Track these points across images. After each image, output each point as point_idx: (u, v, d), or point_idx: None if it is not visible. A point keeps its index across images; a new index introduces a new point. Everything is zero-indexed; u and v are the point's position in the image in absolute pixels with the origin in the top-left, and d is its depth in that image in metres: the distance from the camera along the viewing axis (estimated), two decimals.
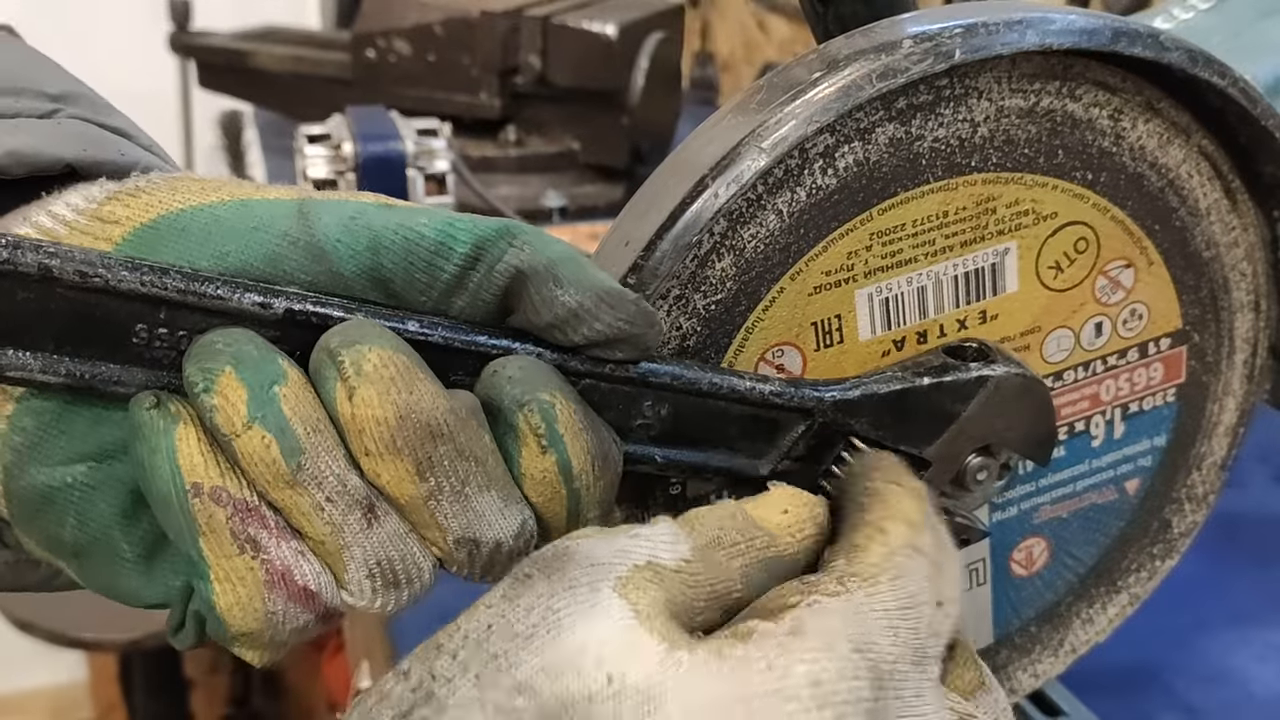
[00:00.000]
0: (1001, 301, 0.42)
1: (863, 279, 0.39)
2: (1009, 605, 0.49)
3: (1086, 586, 0.50)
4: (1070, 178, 0.41)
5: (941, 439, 0.39)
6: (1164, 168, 0.43)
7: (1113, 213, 0.43)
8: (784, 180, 0.37)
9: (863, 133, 0.38)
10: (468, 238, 0.32)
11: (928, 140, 0.39)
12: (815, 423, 0.37)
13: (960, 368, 0.39)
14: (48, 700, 2.26)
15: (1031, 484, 0.46)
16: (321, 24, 2.09)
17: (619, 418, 0.35)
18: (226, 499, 0.30)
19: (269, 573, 0.31)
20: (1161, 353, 0.46)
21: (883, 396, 0.38)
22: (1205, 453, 0.49)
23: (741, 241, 0.37)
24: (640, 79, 1.27)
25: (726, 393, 0.36)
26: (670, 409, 0.35)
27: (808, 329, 0.39)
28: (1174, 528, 0.50)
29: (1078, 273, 0.43)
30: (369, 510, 0.31)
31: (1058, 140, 0.41)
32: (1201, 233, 0.45)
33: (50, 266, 0.29)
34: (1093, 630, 0.51)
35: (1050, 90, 0.40)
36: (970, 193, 0.40)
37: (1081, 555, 0.49)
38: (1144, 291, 0.45)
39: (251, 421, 0.30)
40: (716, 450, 0.37)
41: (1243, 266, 0.46)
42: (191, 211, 0.32)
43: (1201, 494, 0.50)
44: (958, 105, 0.39)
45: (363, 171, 1.08)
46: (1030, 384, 0.40)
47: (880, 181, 0.38)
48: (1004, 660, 0.50)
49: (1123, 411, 0.46)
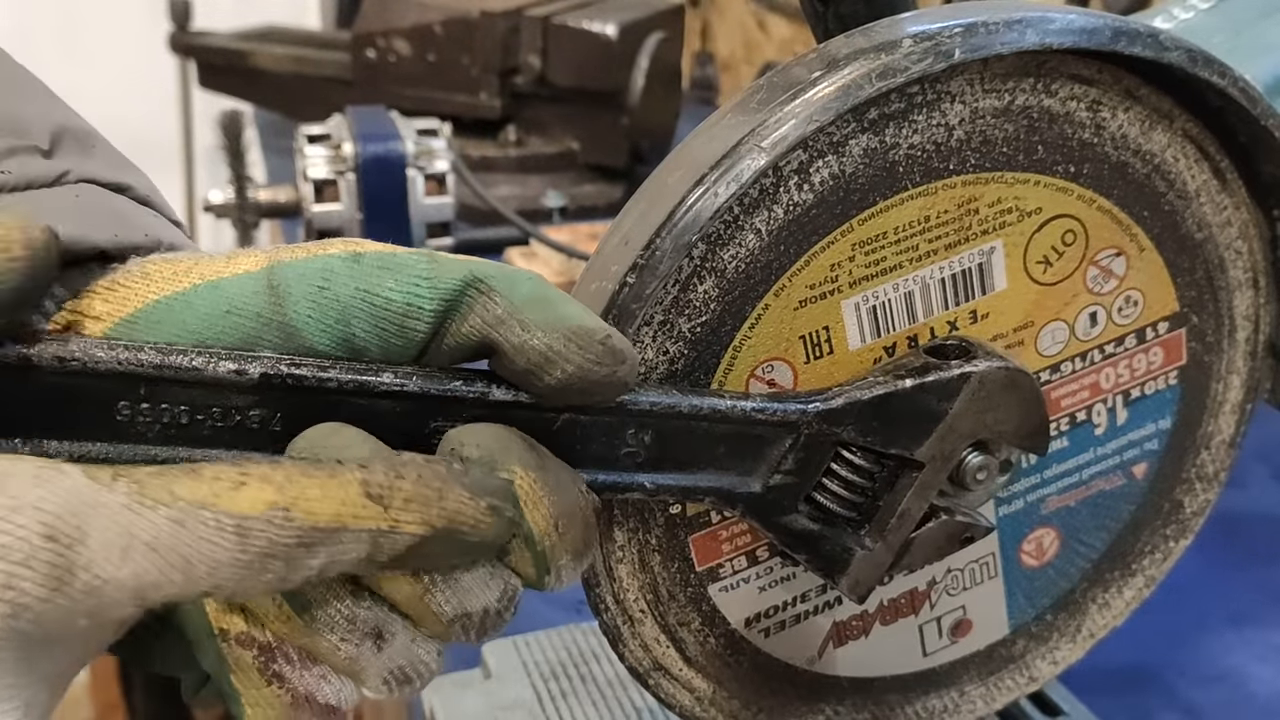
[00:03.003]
0: (991, 300, 0.42)
1: (848, 289, 0.39)
2: (1023, 596, 0.49)
3: (1100, 572, 0.50)
4: (1052, 172, 0.41)
5: (931, 439, 0.39)
6: (1148, 154, 0.43)
7: (1099, 203, 0.43)
8: (760, 200, 0.37)
9: (836, 146, 0.38)
10: (432, 295, 0.32)
11: (903, 148, 0.38)
12: (801, 435, 0.37)
13: (942, 366, 0.39)
14: None
15: (1036, 476, 0.46)
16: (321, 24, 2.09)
17: (603, 449, 0.35)
18: (251, 642, 0.33)
19: (294, 698, 0.33)
20: (1160, 337, 0.46)
21: (866, 402, 0.38)
22: (1213, 431, 0.49)
23: (722, 263, 0.37)
24: (640, 79, 1.27)
25: (708, 413, 0.36)
26: (654, 435, 0.35)
27: (796, 343, 0.39)
28: (1186, 507, 0.50)
29: (1067, 265, 0.43)
30: (378, 637, 0.32)
31: (1036, 136, 0.41)
32: (1192, 215, 0.45)
33: (29, 355, 0.30)
34: (1110, 614, 0.51)
35: (1025, 88, 0.40)
36: (950, 195, 0.40)
37: (1093, 542, 0.49)
38: (1137, 278, 0.45)
39: None
40: (705, 471, 0.37)
41: (1238, 245, 0.46)
42: (166, 301, 0.33)
43: (1212, 472, 0.50)
44: (930, 111, 0.39)
45: (363, 171, 1.08)
46: (1015, 376, 0.40)
47: (858, 193, 0.38)
48: (1021, 650, 0.50)
49: (1124, 398, 0.46)
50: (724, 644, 0.43)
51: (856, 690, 0.47)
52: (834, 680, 0.46)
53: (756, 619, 0.43)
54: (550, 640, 0.62)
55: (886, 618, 0.46)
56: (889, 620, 0.46)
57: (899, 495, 0.39)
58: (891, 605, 0.46)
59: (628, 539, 0.40)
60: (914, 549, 0.40)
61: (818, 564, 0.39)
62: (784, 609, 0.43)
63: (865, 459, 0.38)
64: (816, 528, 0.39)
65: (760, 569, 0.42)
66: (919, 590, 0.46)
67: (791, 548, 0.39)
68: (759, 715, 0.45)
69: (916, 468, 0.39)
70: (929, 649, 0.47)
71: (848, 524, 0.39)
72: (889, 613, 0.46)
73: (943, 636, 0.47)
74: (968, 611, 0.47)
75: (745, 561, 0.42)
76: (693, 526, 0.41)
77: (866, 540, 0.39)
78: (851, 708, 0.47)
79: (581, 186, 1.32)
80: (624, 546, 0.40)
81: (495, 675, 0.59)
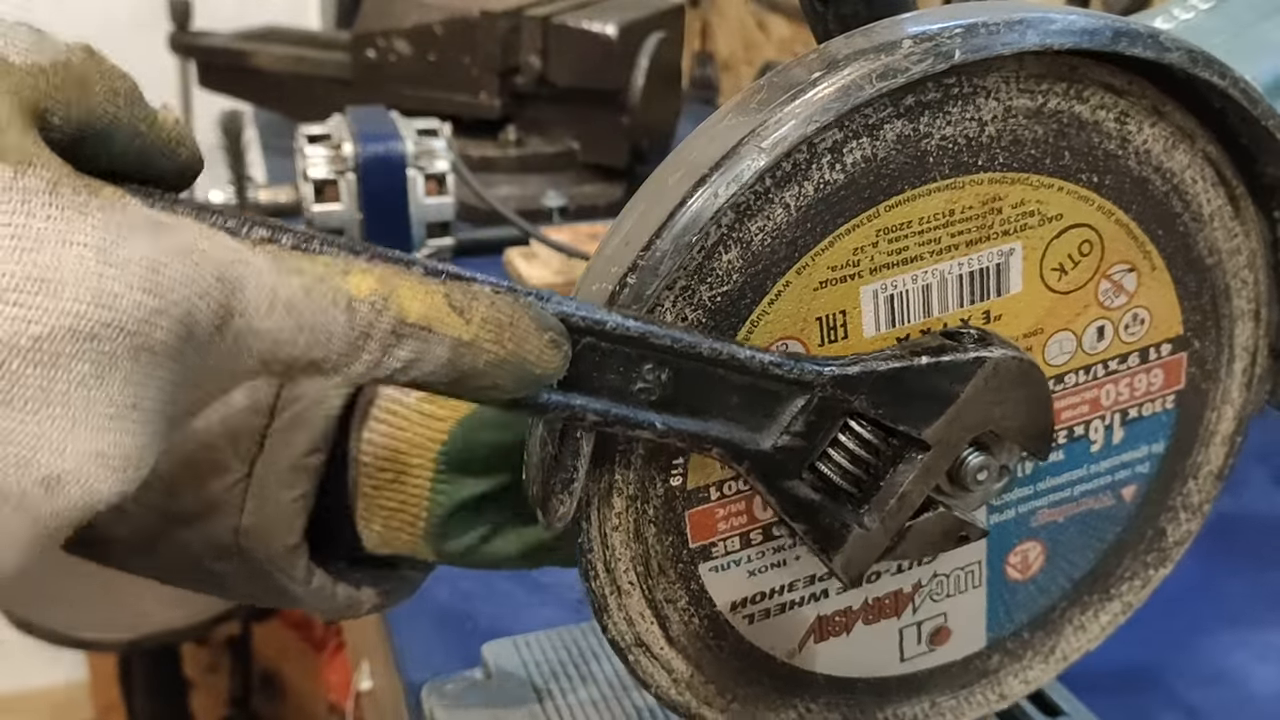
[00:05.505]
0: (1005, 302, 0.42)
1: (868, 275, 0.39)
2: (1003, 609, 0.48)
3: (1080, 593, 0.50)
4: (1076, 180, 0.41)
5: (939, 421, 0.39)
6: (1169, 172, 0.43)
7: (1117, 216, 0.43)
8: (792, 174, 0.37)
9: (871, 129, 0.38)
10: None
11: (935, 138, 0.39)
12: (814, 398, 0.38)
13: (958, 348, 0.39)
14: (48, 700, 2.26)
15: (1030, 487, 0.46)
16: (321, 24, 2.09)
17: (619, 381, 0.35)
18: None
19: None
20: (1162, 358, 0.46)
21: (881, 374, 0.38)
22: (1202, 461, 0.49)
23: (749, 234, 0.37)
24: (640, 79, 1.27)
25: (727, 359, 0.36)
26: (671, 374, 0.35)
27: (812, 324, 0.39)
28: (1169, 536, 0.50)
29: (1081, 275, 0.43)
30: None
31: (1064, 142, 0.41)
32: (1204, 239, 0.45)
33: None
34: (1085, 638, 0.51)
35: (1058, 91, 0.40)
36: (976, 192, 0.40)
37: (1077, 561, 0.49)
38: (1146, 296, 0.44)
39: None
40: (716, 420, 0.37)
41: (1244, 274, 0.46)
42: None
43: (1197, 503, 0.50)
44: (965, 104, 0.39)
45: (363, 171, 1.08)
46: (1028, 369, 0.40)
47: (887, 178, 0.38)
48: (996, 665, 0.50)
49: (1122, 417, 0.46)
50: (708, 626, 0.43)
51: (832, 689, 0.47)
52: (811, 676, 0.46)
53: (743, 604, 0.43)
54: (550, 640, 0.62)
55: (869, 616, 0.46)
56: (871, 619, 0.46)
57: (901, 477, 0.39)
58: (876, 604, 0.46)
59: (625, 507, 0.40)
60: (909, 538, 0.40)
61: (815, 536, 0.40)
62: (771, 596, 0.43)
63: (873, 434, 0.39)
64: (818, 498, 0.39)
65: (752, 552, 0.42)
66: (904, 592, 0.46)
67: (791, 515, 0.39)
68: (732, 704, 0.45)
69: (921, 449, 0.39)
70: (907, 654, 0.47)
71: (848, 500, 0.40)
72: (873, 611, 0.46)
73: (921, 643, 0.47)
74: (948, 619, 0.47)
75: (738, 543, 0.42)
76: (691, 501, 0.41)
77: (866, 519, 0.39)
78: (824, 706, 0.47)
79: (581, 186, 1.32)
80: (621, 514, 0.40)
81: (495, 675, 0.59)
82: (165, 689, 1.89)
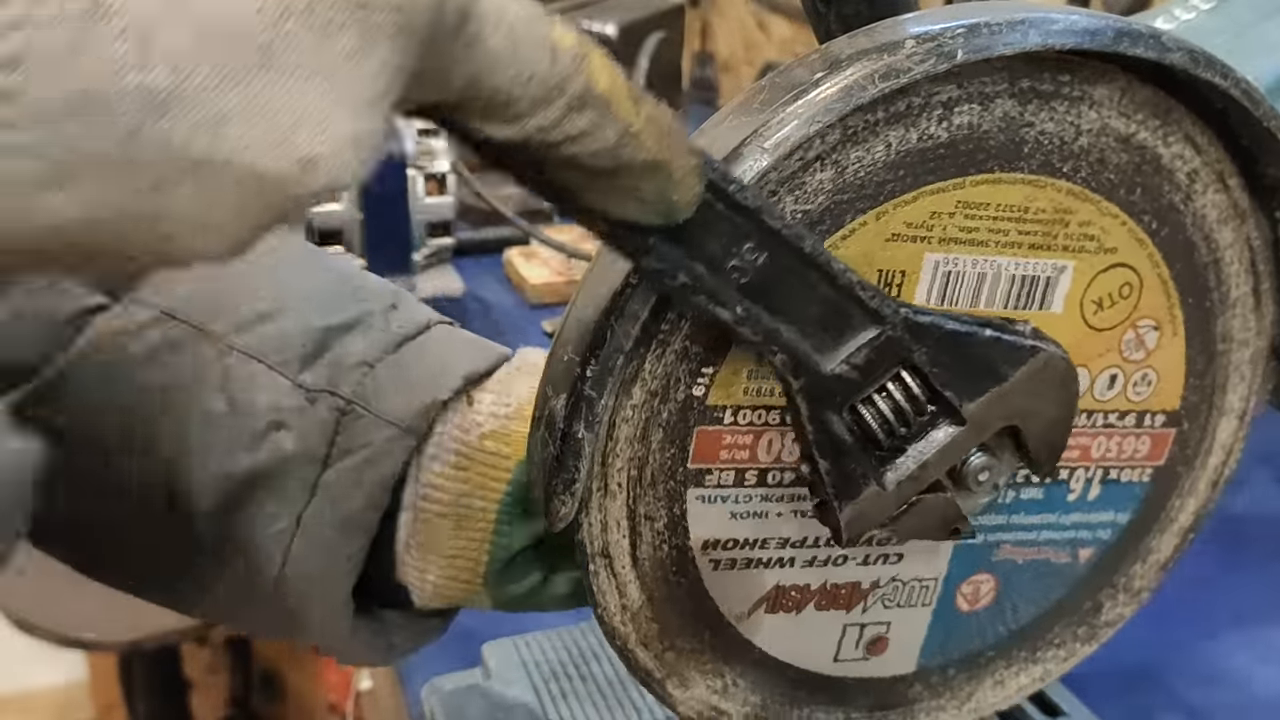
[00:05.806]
0: (1043, 318, 0.42)
1: (937, 244, 0.40)
2: (941, 636, 0.48)
3: (1011, 646, 0.49)
4: (1139, 219, 0.42)
5: (982, 399, 0.40)
6: (1215, 244, 0.43)
7: (1161, 270, 0.43)
8: (904, 115, 0.37)
9: (984, 99, 0.38)
10: None
11: (1036, 129, 0.39)
12: (884, 334, 0.38)
13: (1020, 332, 0.40)
14: (48, 700, 2.26)
15: (1004, 516, 0.46)
16: None
17: (718, 251, 0.35)
18: None
19: None
20: (1154, 428, 0.46)
21: (948, 332, 0.39)
22: (1155, 547, 0.49)
23: (847, 160, 0.37)
24: (640, 79, 1.27)
25: (822, 264, 0.36)
26: (768, 260, 0.35)
27: (873, 275, 0.39)
28: (1103, 614, 0.50)
29: (1114, 317, 0.43)
30: None
31: (1140, 178, 0.41)
32: (1224, 323, 0.45)
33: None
34: (1000, 695, 0.50)
35: (1149, 126, 0.41)
36: (1053, 197, 0.40)
37: (1020, 610, 0.48)
38: (1160, 360, 0.45)
39: None
40: (790, 324, 0.37)
41: (1244, 369, 0.46)
42: None
43: (1136, 588, 0.50)
44: (1071, 106, 0.39)
45: None
46: (1072, 376, 0.41)
47: (983, 152, 0.39)
48: (914, 696, 0.49)
49: (1104, 474, 0.46)
50: (675, 557, 0.43)
51: (763, 668, 0.46)
52: (749, 648, 0.45)
53: (714, 545, 0.43)
54: (550, 640, 0.62)
55: (823, 602, 0.45)
56: (824, 605, 0.46)
57: (930, 444, 0.40)
58: (833, 590, 0.45)
59: (643, 401, 0.39)
60: (912, 513, 0.41)
61: (835, 479, 0.40)
62: (742, 546, 0.43)
63: (921, 391, 0.39)
64: (850, 440, 0.39)
65: (741, 493, 0.42)
66: (862, 586, 0.46)
67: (820, 450, 0.39)
68: (667, 653, 0.45)
69: (957, 423, 0.39)
70: (842, 654, 0.47)
71: (876, 452, 0.40)
72: (828, 597, 0.45)
73: (859, 647, 0.47)
74: (890, 630, 0.47)
75: (732, 478, 0.42)
76: (705, 417, 0.40)
77: (887, 475, 0.40)
78: (750, 685, 0.46)
79: None
80: (636, 408, 0.39)
81: (495, 675, 0.59)
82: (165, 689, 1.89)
